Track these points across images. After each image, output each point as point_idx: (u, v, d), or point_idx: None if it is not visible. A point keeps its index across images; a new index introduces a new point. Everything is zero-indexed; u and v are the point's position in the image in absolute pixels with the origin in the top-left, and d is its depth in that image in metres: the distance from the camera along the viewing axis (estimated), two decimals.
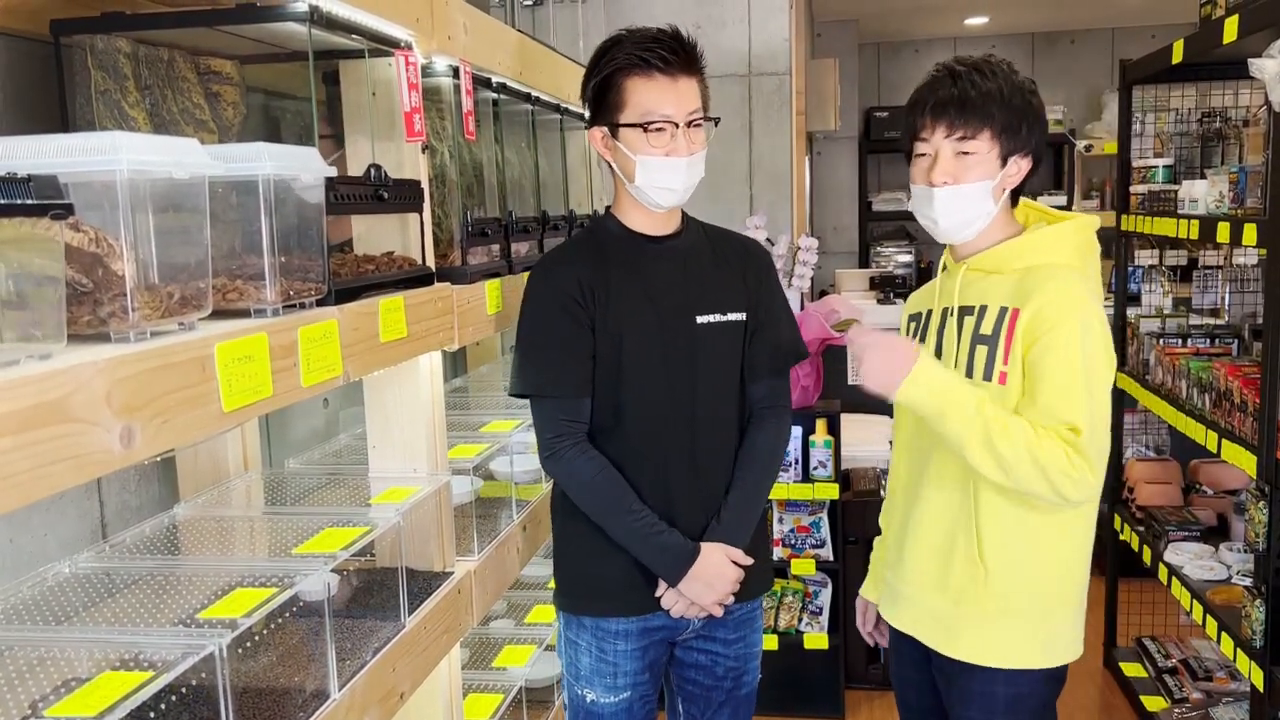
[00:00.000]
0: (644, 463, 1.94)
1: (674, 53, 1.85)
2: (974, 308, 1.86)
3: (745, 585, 2.00)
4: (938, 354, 1.91)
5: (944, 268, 1.99)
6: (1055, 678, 1.91)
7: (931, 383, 1.76)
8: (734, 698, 2.11)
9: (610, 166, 1.97)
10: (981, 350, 1.82)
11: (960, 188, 1.81)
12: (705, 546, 1.95)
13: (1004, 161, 1.82)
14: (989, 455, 1.72)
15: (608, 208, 2.03)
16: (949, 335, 1.90)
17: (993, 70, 1.81)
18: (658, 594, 1.97)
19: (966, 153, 1.80)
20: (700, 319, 1.95)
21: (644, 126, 1.85)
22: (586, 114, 1.97)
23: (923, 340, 1.97)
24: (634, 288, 1.93)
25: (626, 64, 1.85)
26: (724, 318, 1.97)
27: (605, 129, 1.91)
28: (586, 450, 1.92)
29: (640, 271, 1.95)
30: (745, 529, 2.00)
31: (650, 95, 1.85)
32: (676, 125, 1.86)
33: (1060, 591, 1.88)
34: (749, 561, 1.99)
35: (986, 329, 1.82)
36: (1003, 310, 1.81)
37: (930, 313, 1.98)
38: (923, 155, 1.85)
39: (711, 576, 1.94)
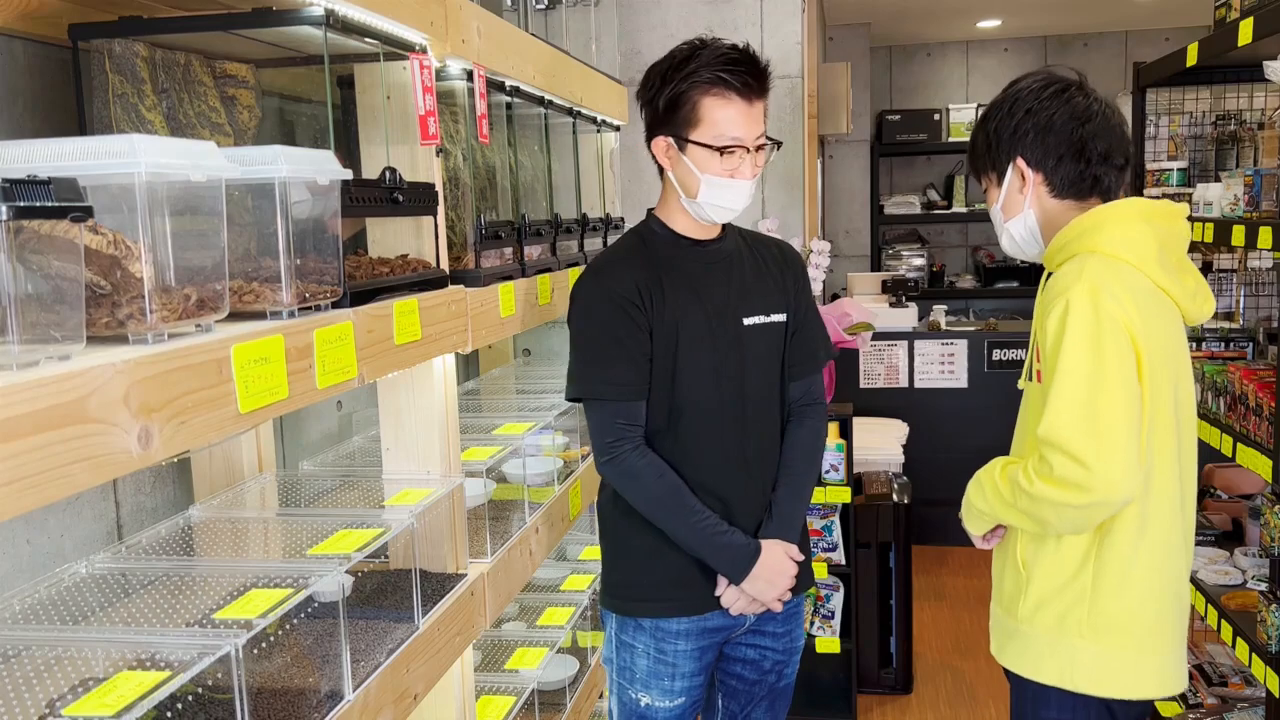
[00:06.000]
0: (697, 463, 1.96)
1: (754, 76, 1.85)
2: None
3: (797, 580, 2.04)
4: None
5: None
6: (1087, 706, 1.77)
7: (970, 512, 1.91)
8: (774, 690, 2.15)
9: (662, 172, 1.98)
10: (1029, 352, 1.90)
11: (993, 212, 1.97)
12: (765, 543, 1.98)
13: (999, 182, 1.91)
14: (1018, 517, 1.78)
15: (650, 211, 2.04)
16: None
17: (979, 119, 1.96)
18: (717, 593, 1.99)
19: (986, 191, 1.98)
20: (747, 320, 1.99)
21: (720, 150, 1.86)
22: (643, 118, 1.97)
23: None
24: (685, 289, 1.96)
25: (706, 81, 1.84)
26: (768, 319, 2.01)
27: (672, 140, 1.91)
28: (646, 454, 1.93)
29: (689, 273, 1.97)
30: (797, 524, 2.05)
31: (727, 118, 1.85)
32: (748, 150, 1.87)
33: (1082, 614, 1.77)
34: (802, 557, 2.04)
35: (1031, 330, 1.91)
36: (1039, 313, 1.87)
37: None
38: None
39: (773, 573, 1.98)
